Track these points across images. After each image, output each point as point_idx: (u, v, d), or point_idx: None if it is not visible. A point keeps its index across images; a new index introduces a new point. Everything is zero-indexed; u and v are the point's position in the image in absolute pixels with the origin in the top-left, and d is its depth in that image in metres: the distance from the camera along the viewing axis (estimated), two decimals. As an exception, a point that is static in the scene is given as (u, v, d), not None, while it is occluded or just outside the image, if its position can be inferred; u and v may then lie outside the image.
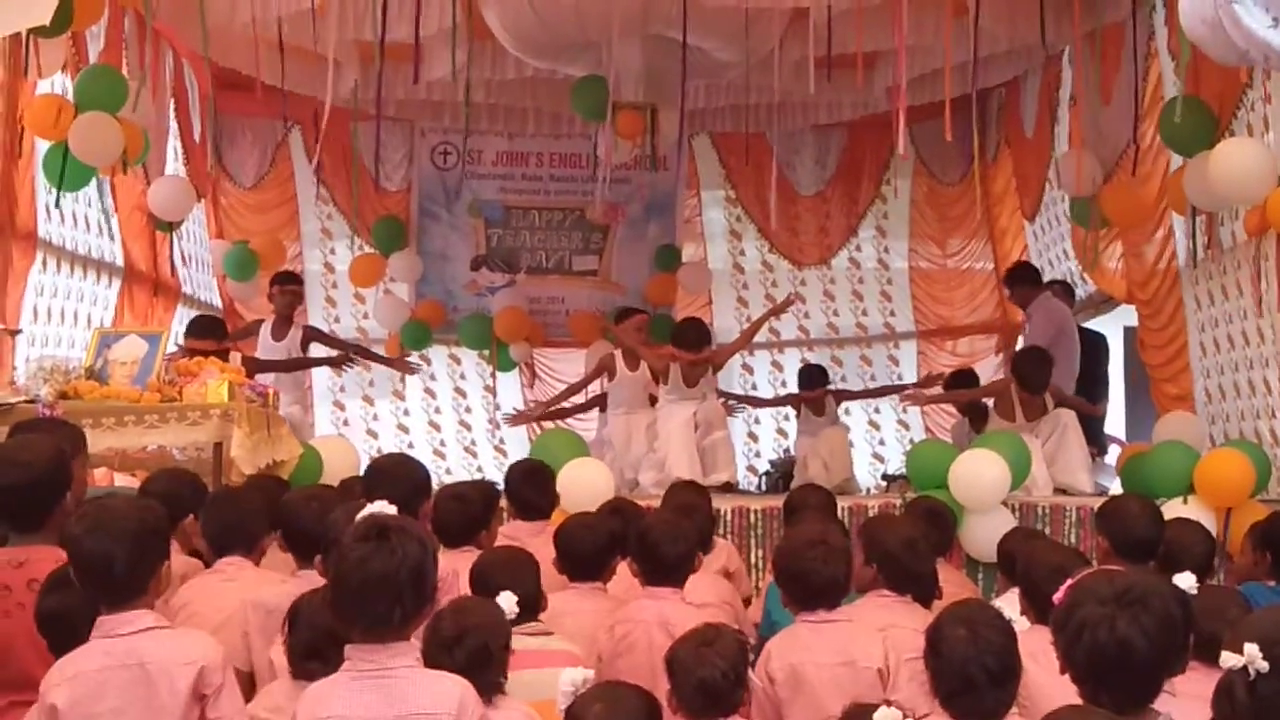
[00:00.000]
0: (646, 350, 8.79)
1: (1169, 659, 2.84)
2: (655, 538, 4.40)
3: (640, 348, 8.84)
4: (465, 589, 4.00)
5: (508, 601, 3.51)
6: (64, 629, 3.30)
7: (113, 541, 3.16)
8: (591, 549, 4.58)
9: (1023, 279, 9.18)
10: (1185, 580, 3.34)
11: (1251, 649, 2.63)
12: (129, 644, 3.12)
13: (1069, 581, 2.97)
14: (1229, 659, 2.67)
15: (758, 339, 11.53)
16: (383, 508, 3.17)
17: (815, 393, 9.75)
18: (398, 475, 4.35)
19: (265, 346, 9.12)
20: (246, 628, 4.02)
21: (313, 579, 3.97)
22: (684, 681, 3.35)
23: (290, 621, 3.51)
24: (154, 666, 3.10)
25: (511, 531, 5.28)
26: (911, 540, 4.41)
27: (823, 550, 3.99)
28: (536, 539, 4.90)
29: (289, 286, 9.30)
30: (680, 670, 3.37)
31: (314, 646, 3.41)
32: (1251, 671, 2.63)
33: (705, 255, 12.14)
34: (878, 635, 3.91)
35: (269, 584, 4.28)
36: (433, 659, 3.25)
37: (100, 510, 3.27)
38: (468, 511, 4.83)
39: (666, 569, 4.36)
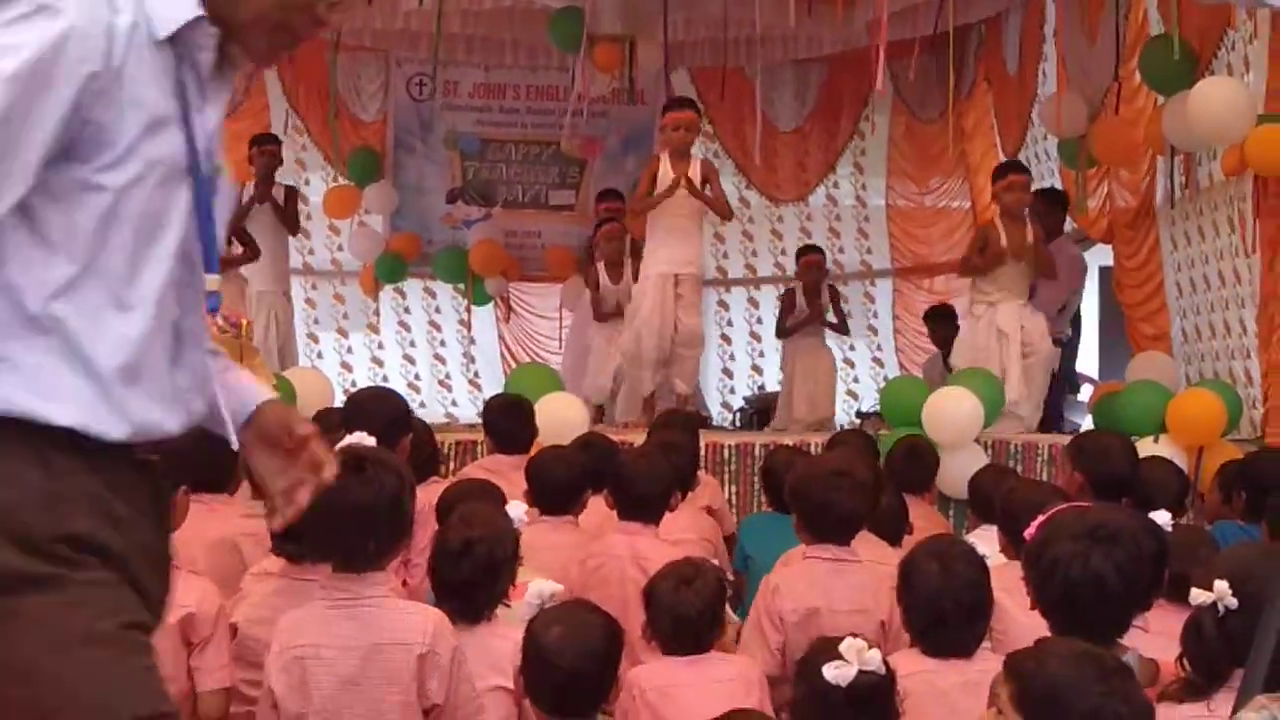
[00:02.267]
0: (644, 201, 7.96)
1: (1139, 595, 2.87)
2: (631, 473, 4.40)
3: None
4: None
5: (516, 510, 3.54)
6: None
7: None
8: (563, 482, 4.57)
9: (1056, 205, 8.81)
10: (1160, 518, 3.38)
11: (1221, 585, 2.66)
12: None
13: (1040, 518, 2.99)
14: (1199, 595, 2.70)
15: (734, 275, 11.52)
16: (362, 439, 3.16)
17: (813, 258, 9.61)
18: (376, 408, 4.33)
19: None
20: None
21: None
22: (660, 616, 3.36)
23: None
24: None
25: (492, 464, 5.28)
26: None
27: (847, 482, 3.82)
28: (517, 472, 4.90)
29: (267, 147, 9.19)
30: (658, 605, 3.37)
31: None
32: (1220, 608, 2.65)
33: (682, 191, 12.02)
34: (889, 583, 3.49)
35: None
36: (440, 571, 3.29)
37: None
38: (421, 443, 4.82)
39: (641, 505, 4.34)
